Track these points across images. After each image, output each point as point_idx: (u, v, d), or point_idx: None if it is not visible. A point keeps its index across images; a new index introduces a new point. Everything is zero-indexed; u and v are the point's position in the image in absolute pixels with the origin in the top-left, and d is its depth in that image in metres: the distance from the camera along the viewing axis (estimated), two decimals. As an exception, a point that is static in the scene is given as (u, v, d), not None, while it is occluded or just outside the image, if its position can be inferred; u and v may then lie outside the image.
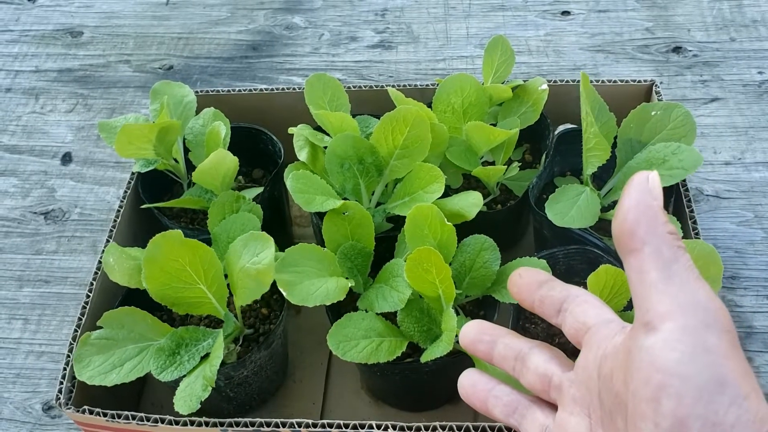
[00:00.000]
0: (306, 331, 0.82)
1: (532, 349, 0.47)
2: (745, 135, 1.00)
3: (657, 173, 0.40)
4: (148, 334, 0.65)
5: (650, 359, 0.36)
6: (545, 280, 0.49)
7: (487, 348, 0.49)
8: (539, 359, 0.46)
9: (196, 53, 1.20)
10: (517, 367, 0.48)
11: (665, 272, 0.37)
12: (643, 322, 0.37)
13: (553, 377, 0.45)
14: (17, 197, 1.02)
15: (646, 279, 0.38)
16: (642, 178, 0.39)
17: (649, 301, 0.37)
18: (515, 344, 0.48)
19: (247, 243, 0.62)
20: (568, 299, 0.46)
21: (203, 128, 0.81)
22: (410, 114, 0.70)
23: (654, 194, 0.39)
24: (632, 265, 0.39)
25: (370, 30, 1.21)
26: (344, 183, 0.73)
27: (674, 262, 0.37)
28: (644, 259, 0.38)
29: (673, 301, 0.36)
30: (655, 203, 0.39)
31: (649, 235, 0.38)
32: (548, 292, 0.48)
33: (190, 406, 0.59)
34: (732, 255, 0.87)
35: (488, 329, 0.50)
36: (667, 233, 0.38)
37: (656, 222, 0.38)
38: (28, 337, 0.86)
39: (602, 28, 1.17)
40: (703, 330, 0.35)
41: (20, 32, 1.27)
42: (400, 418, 0.74)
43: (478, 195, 0.70)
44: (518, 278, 0.50)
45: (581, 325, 0.44)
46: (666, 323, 0.36)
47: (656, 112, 0.75)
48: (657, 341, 0.36)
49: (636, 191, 0.39)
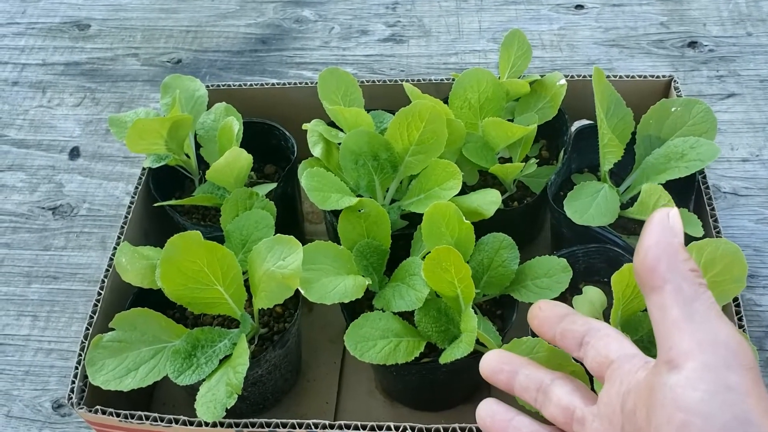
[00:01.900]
0: (319, 329, 0.81)
1: (554, 380, 0.47)
2: (763, 131, 0.98)
3: (677, 210, 0.41)
4: (161, 336, 0.64)
5: (673, 397, 0.36)
6: (566, 314, 0.49)
7: (508, 378, 0.49)
8: (562, 391, 0.46)
9: (205, 47, 1.19)
10: (539, 398, 0.48)
11: (686, 310, 0.38)
12: (665, 359, 0.38)
13: (576, 410, 0.45)
14: (25, 192, 1.01)
15: (668, 316, 0.38)
16: (662, 215, 0.40)
17: (672, 339, 0.38)
18: (536, 375, 0.48)
19: (273, 246, 0.61)
20: (590, 333, 0.47)
21: (215, 123, 0.80)
22: (426, 109, 0.69)
23: (674, 231, 0.39)
24: (654, 302, 0.39)
25: (381, 23, 1.20)
26: (359, 179, 0.72)
27: (695, 300, 0.38)
28: (666, 297, 0.39)
29: (695, 339, 0.37)
30: (675, 240, 0.39)
31: (670, 273, 0.39)
32: (569, 325, 0.48)
33: (214, 414, 0.58)
34: (750, 253, 0.85)
35: (508, 359, 0.50)
36: (689, 270, 0.39)
37: (677, 259, 0.39)
38: (37, 334, 0.86)
39: (616, 23, 1.15)
40: (725, 368, 0.36)
41: (27, 25, 1.26)
42: (415, 418, 0.73)
43: (497, 193, 0.69)
44: (539, 311, 0.51)
45: (604, 359, 0.44)
46: (688, 362, 0.36)
47: (676, 109, 0.74)
48: (679, 380, 0.36)
49: (656, 229, 0.40)
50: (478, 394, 0.75)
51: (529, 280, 0.66)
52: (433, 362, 0.63)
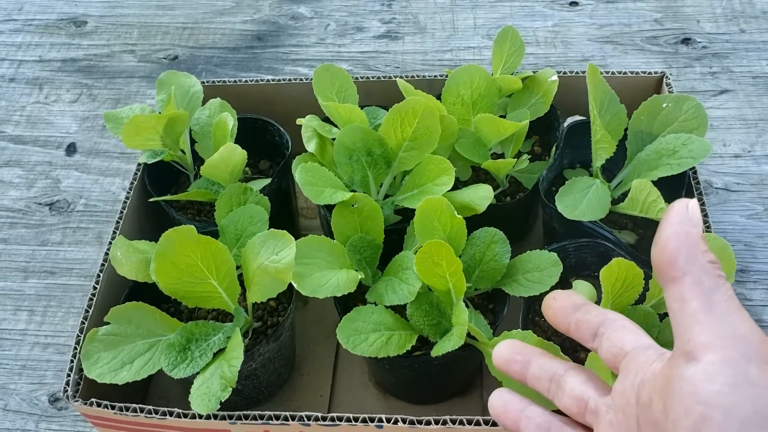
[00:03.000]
0: (313, 323, 0.82)
1: (567, 371, 0.47)
2: (755, 127, 0.99)
3: (696, 201, 0.40)
4: (156, 330, 0.65)
5: (691, 390, 0.36)
6: (581, 304, 0.49)
7: (521, 368, 0.49)
8: (575, 381, 0.46)
9: (201, 43, 1.19)
10: (552, 388, 0.48)
11: (706, 302, 0.37)
12: (683, 351, 0.37)
13: (590, 401, 0.45)
14: (22, 188, 1.01)
15: (687, 308, 0.38)
16: (681, 206, 0.39)
17: (690, 331, 0.37)
18: (550, 365, 0.48)
19: (266, 240, 0.62)
20: (605, 324, 0.46)
21: (210, 119, 0.80)
22: (419, 105, 0.70)
23: (693, 222, 0.39)
24: (673, 294, 0.39)
25: (377, 20, 1.20)
26: (352, 175, 0.73)
27: (715, 292, 0.37)
28: (685, 289, 0.38)
29: (714, 332, 0.36)
30: (695, 231, 0.39)
31: (690, 264, 0.38)
32: (584, 316, 0.48)
33: (208, 406, 0.58)
34: (741, 248, 0.86)
35: (521, 349, 0.50)
36: (708, 262, 0.38)
37: (696, 251, 0.38)
38: (34, 329, 0.86)
39: (610, 19, 1.16)
40: (745, 362, 0.35)
41: (24, 21, 1.27)
42: (408, 411, 0.73)
43: (489, 188, 0.69)
44: (553, 301, 0.50)
45: (618, 350, 0.44)
46: (707, 354, 0.36)
47: (667, 104, 0.74)
48: (698, 372, 0.36)
49: (675, 219, 0.39)
50: (470, 388, 0.76)
51: (521, 274, 0.67)
52: (425, 355, 0.64)
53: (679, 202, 0.40)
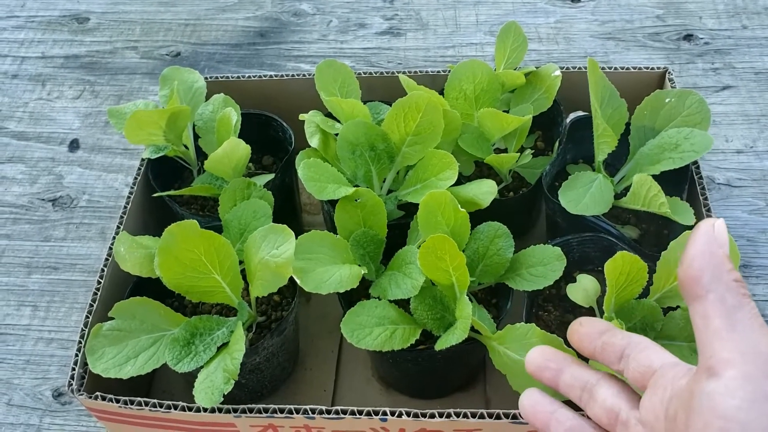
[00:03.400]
0: (317, 318, 0.82)
1: (599, 381, 0.48)
2: (757, 123, 0.99)
3: (723, 221, 0.41)
4: (160, 324, 0.65)
5: (711, 404, 0.37)
6: (605, 329, 0.50)
7: (553, 375, 0.50)
8: (607, 393, 0.47)
9: (204, 40, 1.19)
10: (584, 397, 0.48)
11: (729, 320, 0.38)
12: (706, 367, 0.38)
13: (621, 413, 0.46)
14: (25, 184, 1.01)
15: (710, 325, 0.39)
16: (708, 226, 0.41)
17: (713, 348, 0.38)
18: (582, 374, 0.49)
19: (267, 235, 0.62)
20: (630, 345, 0.47)
21: (213, 114, 0.80)
22: (423, 100, 0.70)
23: (720, 242, 0.40)
24: (697, 311, 0.40)
25: (379, 17, 1.20)
26: (356, 170, 0.73)
27: (738, 310, 0.38)
28: (708, 306, 0.39)
29: (736, 348, 0.37)
30: (720, 251, 0.40)
31: (714, 283, 0.39)
32: (610, 339, 0.49)
33: (212, 399, 0.59)
34: (744, 244, 0.86)
35: (553, 356, 0.51)
36: (733, 281, 0.39)
37: (721, 270, 0.39)
38: (38, 324, 0.86)
39: (612, 16, 1.16)
40: (764, 379, 0.36)
41: (26, 18, 1.27)
42: (411, 405, 0.73)
43: (493, 183, 0.69)
44: (579, 326, 0.52)
45: (646, 369, 0.45)
46: (728, 370, 0.37)
47: (670, 100, 0.74)
48: (718, 387, 0.37)
49: (701, 239, 0.40)
50: (473, 382, 0.76)
51: (524, 269, 0.67)
52: (428, 349, 0.64)
53: (705, 222, 0.41)
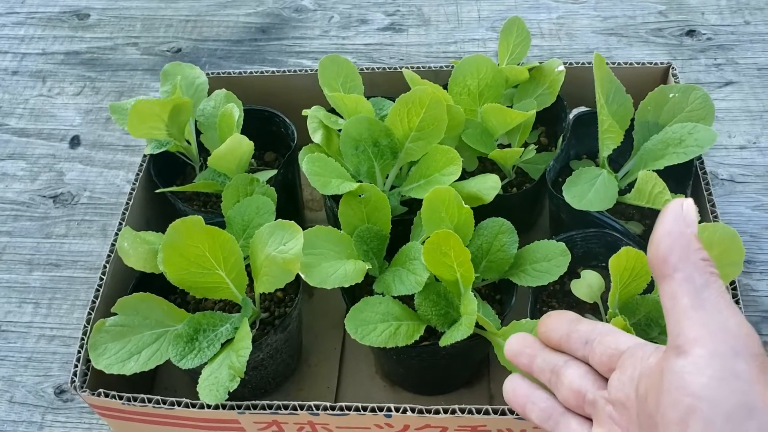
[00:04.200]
0: (320, 315, 0.82)
1: (566, 362, 0.48)
2: (760, 119, 0.99)
3: (691, 201, 0.41)
4: (164, 320, 0.64)
5: (680, 382, 0.37)
6: (573, 318, 0.50)
7: (528, 361, 0.51)
8: (574, 374, 0.47)
9: (205, 36, 1.19)
10: (552, 380, 0.49)
11: (697, 298, 0.38)
12: (674, 345, 0.38)
13: (587, 393, 0.46)
14: (26, 181, 1.01)
15: (678, 304, 0.39)
16: (676, 205, 0.41)
17: (681, 326, 0.38)
18: (552, 358, 0.49)
19: (274, 231, 0.62)
20: (595, 331, 0.48)
21: (215, 110, 0.80)
22: (426, 95, 0.69)
23: (687, 221, 0.40)
24: (665, 291, 0.40)
25: (380, 12, 1.20)
26: (359, 166, 0.72)
27: (706, 289, 0.38)
28: (676, 285, 0.39)
29: (704, 326, 0.37)
30: (688, 230, 0.40)
31: (682, 262, 0.39)
32: (576, 326, 0.49)
33: (217, 396, 0.58)
34: (747, 239, 0.86)
35: (530, 342, 0.51)
36: (700, 260, 0.39)
37: (689, 249, 0.39)
38: (39, 321, 0.86)
39: (615, 12, 1.16)
40: (732, 356, 0.36)
41: (26, 14, 1.26)
42: (415, 402, 0.73)
43: (496, 178, 0.69)
44: (547, 318, 0.52)
45: (614, 351, 0.45)
46: (696, 348, 0.37)
47: (674, 95, 0.74)
48: (686, 365, 0.37)
49: (670, 218, 0.40)
50: (477, 378, 0.76)
51: (528, 265, 0.66)
52: (432, 345, 0.64)
53: (674, 202, 0.41)
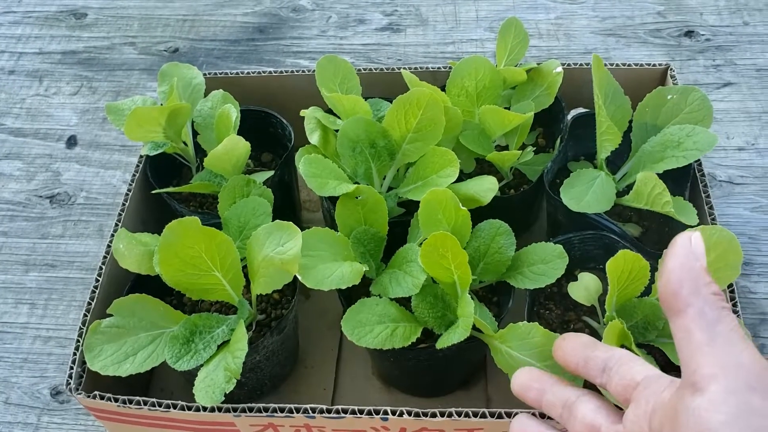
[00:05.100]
0: (316, 317, 0.82)
1: (579, 397, 0.48)
2: (759, 120, 0.98)
3: (700, 234, 0.41)
4: (160, 322, 0.64)
5: (696, 420, 0.37)
6: (588, 343, 0.50)
7: (537, 396, 0.51)
8: (587, 408, 0.47)
9: (202, 35, 1.19)
10: (564, 414, 0.49)
11: (709, 333, 0.38)
12: (689, 382, 0.38)
13: (602, 428, 0.46)
14: (22, 181, 1.01)
15: (692, 340, 0.39)
16: (685, 239, 0.41)
17: (695, 362, 0.38)
18: (563, 392, 0.49)
19: (272, 232, 0.61)
20: (612, 358, 0.47)
21: (212, 111, 0.80)
22: (424, 97, 0.69)
23: (697, 255, 0.40)
24: (678, 326, 0.40)
25: (378, 12, 1.20)
26: (356, 167, 0.72)
27: (718, 323, 0.39)
28: (689, 320, 0.39)
29: (718, 362, 0.37)
30: (698, 264, 0.40)
31: (693, 297, 0.39)
32: (592, 353, 0.49)
33: (213, 398, 0.58)
34: (746, 241, 0.86)
35: (538, 377, 0.51)
36: (711, 294, 0.39)
37: (699, 283, 0.39)
38: (35, 322, 0.86)
39: (613, 12, 1.16)
40: (748, 391, 0.36)
41: (23, 14, 1.26)
42: (412, 404, 0.73)
43: (494, 180, 0.69)
44: (562, 341, 0.52)
45: (629, 382, 0.45)
46: (711, 385, 0.37)
47: (672, 96, 0.74)
48: (703, 402, 0.37)
49: (679, 253, 0.40)
50: (474, 381, 0.76)
51: (526, 267, 0.66)
52: (429, 347, 0.64)
53: (682, 236, 0.41)
